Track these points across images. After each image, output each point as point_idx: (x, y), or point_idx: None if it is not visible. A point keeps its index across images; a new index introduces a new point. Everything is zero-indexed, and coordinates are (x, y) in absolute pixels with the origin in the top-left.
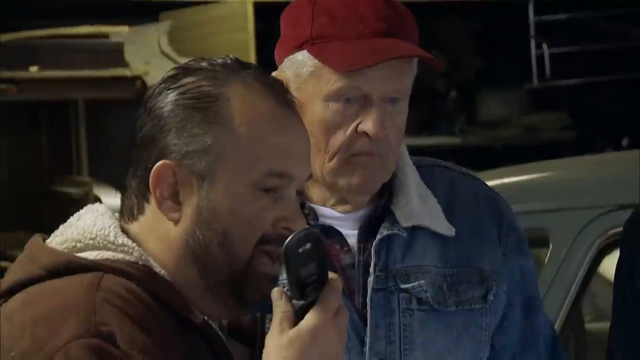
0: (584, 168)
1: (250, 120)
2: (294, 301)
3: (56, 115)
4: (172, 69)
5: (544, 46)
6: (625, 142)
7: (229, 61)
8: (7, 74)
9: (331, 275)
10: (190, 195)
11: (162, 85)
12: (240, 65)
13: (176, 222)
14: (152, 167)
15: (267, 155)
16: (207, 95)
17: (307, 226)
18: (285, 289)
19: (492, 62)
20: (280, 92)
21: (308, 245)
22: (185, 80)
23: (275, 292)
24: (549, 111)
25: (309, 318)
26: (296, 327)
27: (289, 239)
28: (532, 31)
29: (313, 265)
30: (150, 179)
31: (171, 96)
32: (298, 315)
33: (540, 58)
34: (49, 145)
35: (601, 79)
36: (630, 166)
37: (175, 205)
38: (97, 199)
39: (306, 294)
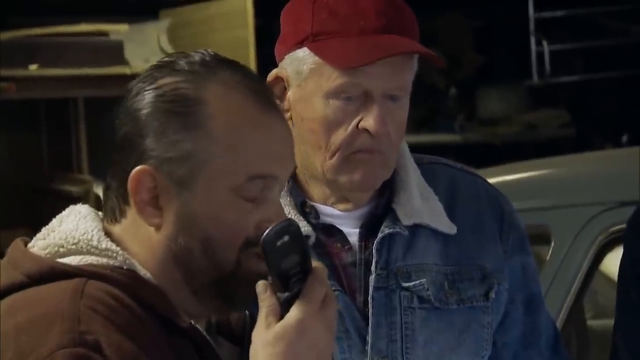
0: (586, 165)
1: (230, 124)
2: (278, 294)
3: (56, 113)
4: (150, 67)
5: (544, 43)
6: (624, 138)
7: (207, 58)
8: (7, 72)
9: (315, 264)
10: (170, 201)
11: (139, 85)
12: (219, 62)
13: (157, 227)
14: (130, 171)
15: (248, 158)
16: (185, 98)
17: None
18: (270, 282)
19: (492, 59)
20: (260, 91)
21: (286, 238)
22: (162, 81)
23: (260, 286)
24: (548, 108)
25: (294, 311)
26: (282, 322)
27: (265, 233)
28: (532, 28)
29: (295, 256)
30: (129, 183)
31: (148, 97)
32: (284, 308)
33: (540, 55)
34: (48, 143)
35: (601, 75)
36: (632, 163)
37: (155, 210)
38: (97, 197)
39: (290, 286)
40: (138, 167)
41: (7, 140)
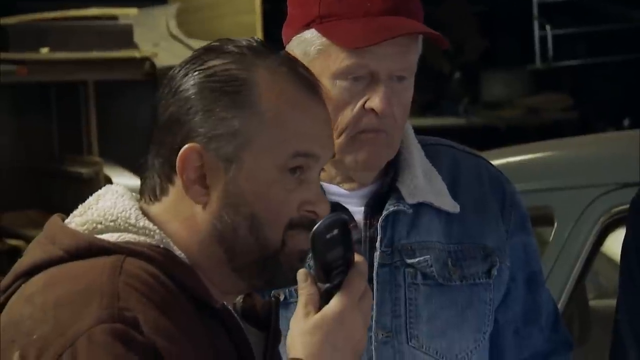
0: (588, 147)
1: (277, 105)
2: (319, 284)
3: (66, 96)
4: (196, 50)
5: (547, 28)
6: (626, 122)
7: (254, 44)
8: (18, 55)
9: (357, 258)
10: (217, 179)
11: (187, 66)
12: (266, 49)
13: (204, 205)
14: (178, 150)
15: (292, 137)
16: (235, 79)
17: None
18: (311, 271)
19: (495, 44)
20: (305, 77)
21: (335, 232)
22: (212, 63)
23: (301, 274)
24: (551, 92)
25: (335, 302)
26: (321, 312)
27: (317, 225)
28: (534, 13)
29: (340, 249)
30: (177, 162)
31: (197, 78)
32: (323, 298)
33: (543, 39)
34: (59, 125)
35: (603, 60)
36: (633, 145)
37: (202, 188)
38: (107, 179)
39: (332, 277)
40: (186, 145)
41: (18, 123)
